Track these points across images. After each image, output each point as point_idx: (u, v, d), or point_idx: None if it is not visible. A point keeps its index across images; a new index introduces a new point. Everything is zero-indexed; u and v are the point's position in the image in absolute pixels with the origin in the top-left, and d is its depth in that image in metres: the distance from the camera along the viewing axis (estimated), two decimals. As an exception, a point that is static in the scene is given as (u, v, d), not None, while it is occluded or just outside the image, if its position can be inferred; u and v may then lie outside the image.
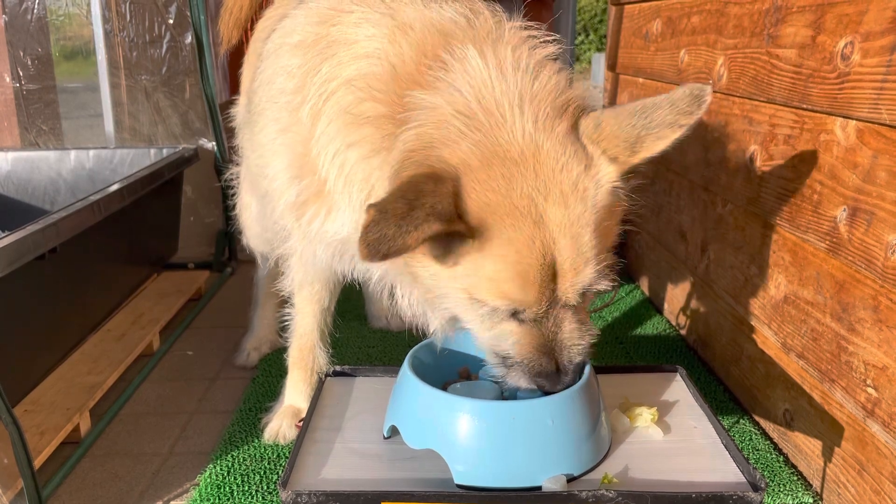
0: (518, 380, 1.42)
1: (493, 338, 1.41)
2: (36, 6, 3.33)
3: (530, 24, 1.51)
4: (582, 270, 1.31)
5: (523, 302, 1.32)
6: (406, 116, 1.37)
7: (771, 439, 2.00)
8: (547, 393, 1.41)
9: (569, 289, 1.32)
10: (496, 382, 1.50)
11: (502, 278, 1.30)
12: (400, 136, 1.36)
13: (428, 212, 1.19)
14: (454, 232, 1.26)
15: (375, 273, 1.62)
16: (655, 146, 1.32)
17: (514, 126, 1.31)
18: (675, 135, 1.31)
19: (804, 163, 1.82)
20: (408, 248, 1.18)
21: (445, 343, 1.62)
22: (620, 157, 1.33)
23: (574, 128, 1.35)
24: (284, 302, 2.04)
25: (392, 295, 1.61)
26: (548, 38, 1.48)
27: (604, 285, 1.36)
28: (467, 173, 1.28)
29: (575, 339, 1.39)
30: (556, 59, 1.46)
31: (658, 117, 1.32)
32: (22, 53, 3.37)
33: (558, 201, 1.28)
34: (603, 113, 1.36)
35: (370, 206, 1.20)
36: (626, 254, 3.40)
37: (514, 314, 1.35)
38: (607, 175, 1.33)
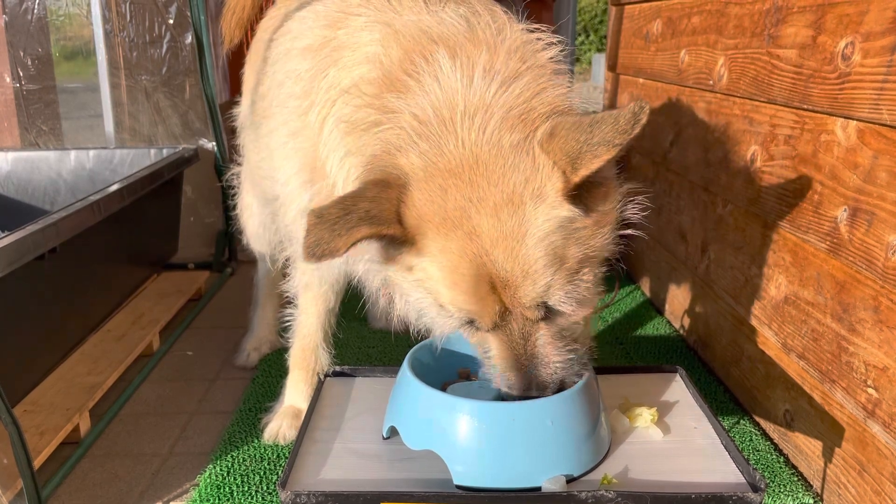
0: (501, 385, 1.42)
1: (476, 343, 1.43)
2: (36, 6, 3.33)
3: (535, 26, 1.50)
4: (521, 284, 1.28)
5: (470, 312, 1.32)
6: (377, 126, 1.39)
7: (771, 440, 2.00)
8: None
9: (514, 300, 1.30)
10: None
11: (442, 286, 1.31)
12: (368, 142, 1.39)
13: (360, 216, 1.23)
14: (392, 237, 1.29)
15: (376, 278, 1.63)
16: (592, 164, 1.26)
17: (460, 136, 1.31)
18: (608, 154, 1.24)
19: (805, 163, 1.82)
20: (337, 250, 1.22)
21: (445, 344, 1.62)
22: (566, 172, 1.28)
23: (531, 138, 1.31)
24: (285, 302, 2.03)
25: (391, 301, 1.62)
26: (551, 41, 1.47)
27: (568, 304, 1.31)
28: (414, 182, 1.30)
29: (548, 356, 1.37)
30: (557, 62, 1.45)
31: (599, 134, 1.25)
32: (22, 53, 3.37)
33: (491, 214, 1.27)
34: (562, 120, 1.30)
35: (310, 211, 1.25)
36: (625, 255, 3.39)
37: (471, 323, 1.35)
38: (552, 188, 1.28)
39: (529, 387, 1.37)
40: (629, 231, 1.49)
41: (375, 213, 1.25)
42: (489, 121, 1.32)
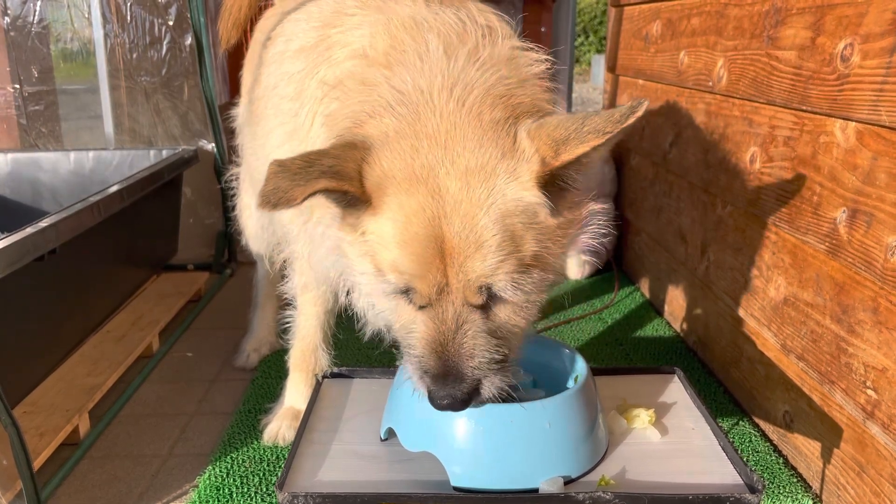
0: (412, 376, 1.36)
1: (398, 324, 1.38)
2: (37, 8, 3.33)
3: (529, 44, 1.50)
4: (472, 256, 1.24)
5: (410, 277, 1.27)
6: (351, 98, 1.41)
7: (770, 441, 1.99)
8: (433, 402, 1.31)
9: (459, 273, 1.25)
10: None
11: (391, 245, 1.28)
12: (342, 112, 1.40)
13: (322, 170, 1.24)
14: (351, 196, 1.29)
15: (329, 257, 1.59)
16: (577, 150, 1.25)
17: (438, 105, 1.31)
18: (596, 141, 1.23)
19: (804, 164, 1.82)
20: (294, 199, 1.21)
21: None
22: (546, 157, 1.27)
23: (512, 121, 1.32)
24: (285, 303, 2.04)
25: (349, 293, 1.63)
26: (540, 59, 1.46)
27: (512, 293, 1.28)
28: (383, 144, 1.30)
29: (476, 346, 1.29)
30: (543, 79, 1.44)
31: (591, 124, 1.25)
32: (22, 55, 3.37)
33: (459, 177, 1.26)
34: (553, 117, 1.32)
35: (272, 160, 1.25)
36: (625, 255, 3.40)
37: (407, 293, 1.31)
38: (527, 169, 1.27)
39: (447, 374, 1.28)
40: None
41: (338, 168, 1.26)
42: (469, 94, 1.32)
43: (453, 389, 1.28)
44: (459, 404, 1.29)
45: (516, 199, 1.27)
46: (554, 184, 1.30)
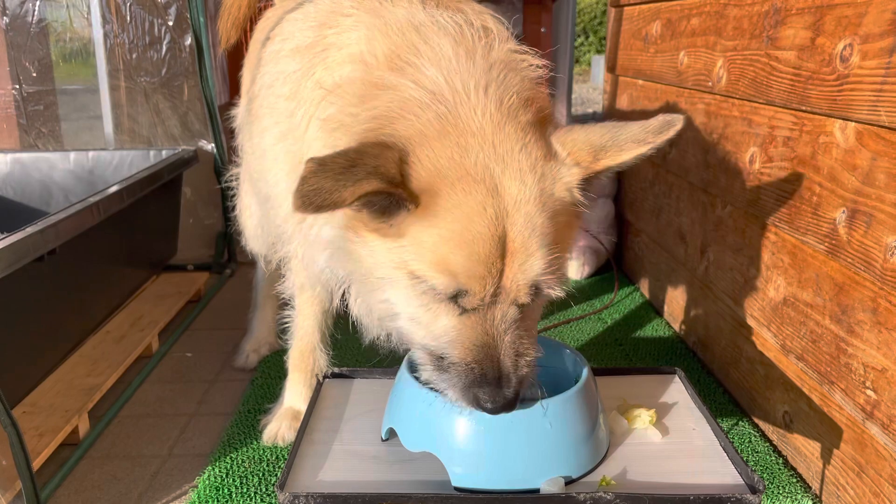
0: (451, 388, 1.30)
1: (430, 332, 1.32)
2: (36, 8, 3.33)
3: (524, 47, 1.50)
4: (533, 253, 1.24)
5: (467, 279, 1.23)
6: (365, 104, 1.37)
7: (770, 441, 1.99)
8: (485, 406, 1.28)
9: (518, 273, 1.24)
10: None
11: (448, 247, 1.23)
12: (358, 119, 1.37)
13: (368, 170, 1.17)
14: (395, 196, 1.22)
15: (321, 258, 1.57)
16: (619, 157, 1.32)
17: (478, 104, 1.30)
18: (639, 150, 1.31)
19: (803, 165, 1.82)
20: (343, 201, 1.15)
21: None
22: (583, 162, 1.32)
23: (539, 125, 1.34)
24: (284, 304, 2.04)
25: (344, 297, 1.61)
26: (536, 63, 1.47)
27: (557, 290, 1.29)
28: (422, 143, 1.26)
29: (523, 346, 1.29)
30: (538, 83, 1.46)
31: (627, 133, 1.33)
32: (22, 55, 3.37)
33: (515, 176, 1.26)
34: (574, 126, 1.38)
35: (310, 159, 1.17)
36: (625, 255, 3.40)
37: (455, 297, 1.26)
38: (568, 171, 1.31)
39: (500, 378, 1.26)
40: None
41: (383, 169, 1.18)
42: (504, 95, 1.32)
43: (506, 392, 1.26)
44: (509, 406, 1.28)
45: (562, 199, 1.30)
46: (584, 185, 1.34)
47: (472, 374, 1.27)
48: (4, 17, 3.32)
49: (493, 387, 1.26)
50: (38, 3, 3.33)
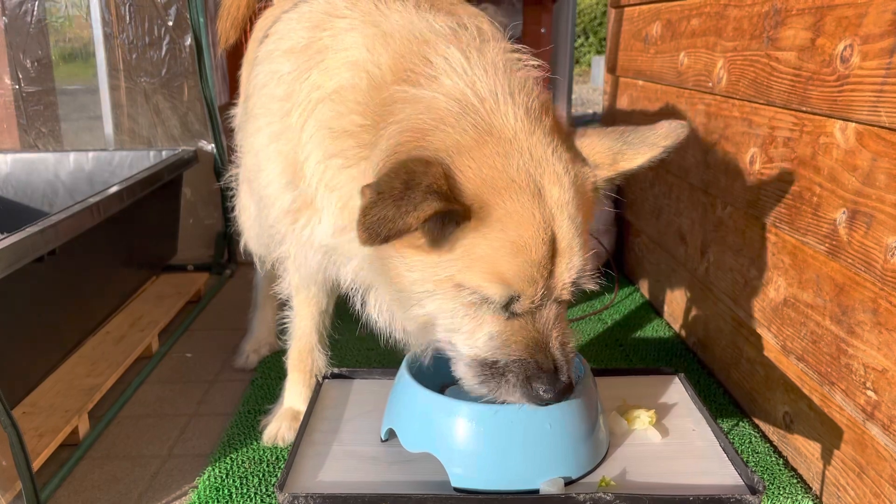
0: (510, 391, 1.32)
1: (474, 340, 1.33)
2: (35, 8, 3.33)
3: (518, 46, 1.51)
4: (577, 252, 1.30)
5: (522, 285, 1.26)
6: (388, 119, 1.37)
7: (770, 442, 1.99)
8: (544, 403, 1.32)
9: (565, 273, 1.30)
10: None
11: (502, 256, 1.25)
12: (383, 135, 1.36)
13: (426, 191, 1.15)
14: (451, 212, 1.22)
15: (349, 276, 1.60)
16: (634, 160, 1.40)
17: (508, 112, 1.32)
18: (652, 153, 1.39)
19: (804, 165, 1.82)
20: (409, 228, 1.14)
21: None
22: (603, 165, 1.39)
23: (557, 128, 1.38)
24: (283, 304, 2.04)
25: (364, 303, 1.60)
26: (531, 63, 1.47)
27: (592, 285, 1.35)
28: (460, 153, 1.27)
29: (567, 336, 1.36)
30: (535, 83, 1.47)
31: (638, 138, 1.40)
32: (21, 55, 3.37)
33: (554, 180, 1.29)
34: (592, 128, 1.45)
35: (365, 187, 1.17)
36: (625, 256, 3.40)
37: (508, 304, 1.28)
38: (595, 174, 1.39)
39: (556, 370, 1.31)
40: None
41: (437, 187, 1.17)
42: (527, 102, 1.35)
43: (563, 377, 1.32)
44: (570, 389, 1.34)
45: (590, 200, 1.37)
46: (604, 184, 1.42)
47: (529, 369, 1.31)
48: (4, 18, 3.32)
49: (551, 376, 1.31)
50: (37, 2, 3.33)
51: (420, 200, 1.14)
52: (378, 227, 1.13)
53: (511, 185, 1.26)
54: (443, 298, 1.31)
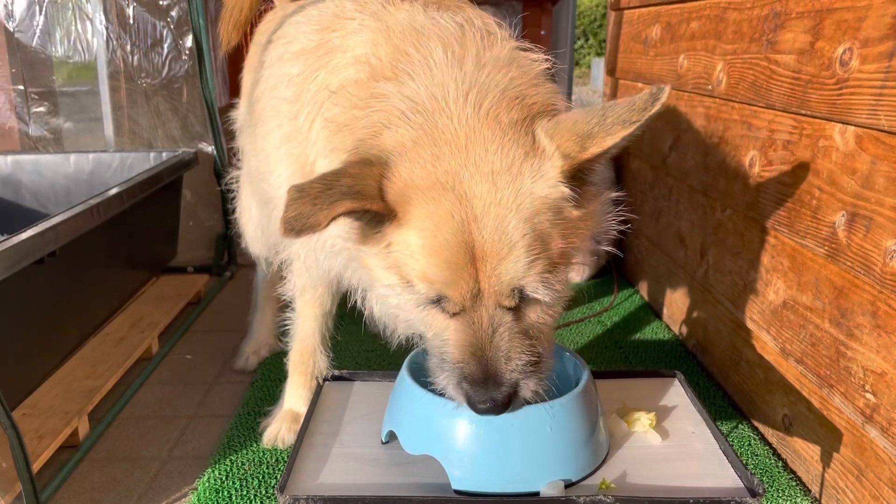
0: (447, 384, 1.35)
1: (434, 336, 1.37)
2: (38, 10, 3.33)
3: (528, 44, 1.50)
4: (505, 258, 1.24)
5: (442, 285, 1.27)
6: (367, 113, 1.39)
7: (770, 444, 2.00)
8: (474, 406, 1.31)
9: (491, 277, 1.25)
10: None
11: (421, 255, 1.27)
12: (356, 128, 1.39)
13: (342, 191, 1.22)
14: (373, 213, 1.28)
15: (353, 274, 1.62)
16: (605, 142, 1.27)
17: (454, 112, 1.31)
18: (624, 131, 1.26)
19: (803, 168, 1.82)
20: (319, 224, 1.20)
21: None
22: (571, 153, 1.29)
23: (529, 121, 1.33)
24: (284, 306, 2.04)
25: (364, 299, 1.63)
26: (541, 58, 1.47)
27: (544, 293, 1.28)
28: (401, 154, 1.29)
29: (512, 349, 1.29)
30: (545, 77, 1.46)
31: (612, 115, 1.28)
32: (23, 57, 3.37)
33: (486, 179, 1.26)
34: (568, 113, 1.36)
35: (290, 187, 1.24)
36: (624, 258, 3.40)
37: (438, 302, 1.30)
38: (551, 166, 1.29)
39: (487, 378, 1.28)
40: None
41: (358, 188, 1.24)
42: (484, 98, 1.33)
43: (494, 393, 1.29)
44: (500, 408, 1.30)
45: (543, 196, 1.28)
46: (577, 178, 1.32)
47: (459, 373, 1.32)
48: (6, 19, 3.32)
49: (481, 386, 1.29)
50: (40, 5, 3.33)
51: (334, 200, 1.21)
52: (294, 222, 1.20)
53: (434, 186, 1.26)
54: (401, 292, 1.35)
